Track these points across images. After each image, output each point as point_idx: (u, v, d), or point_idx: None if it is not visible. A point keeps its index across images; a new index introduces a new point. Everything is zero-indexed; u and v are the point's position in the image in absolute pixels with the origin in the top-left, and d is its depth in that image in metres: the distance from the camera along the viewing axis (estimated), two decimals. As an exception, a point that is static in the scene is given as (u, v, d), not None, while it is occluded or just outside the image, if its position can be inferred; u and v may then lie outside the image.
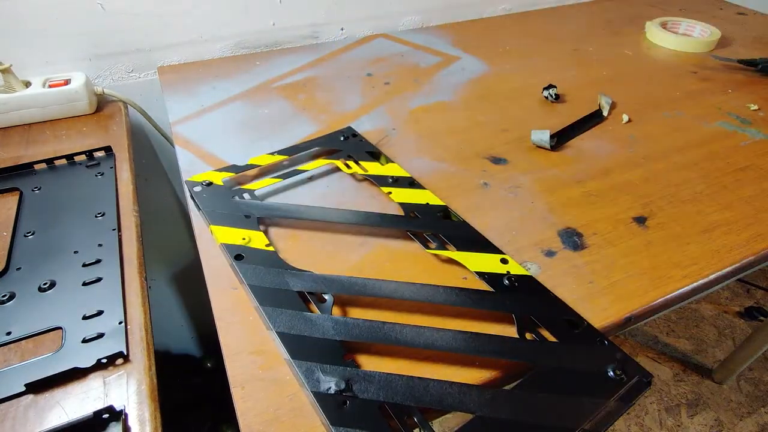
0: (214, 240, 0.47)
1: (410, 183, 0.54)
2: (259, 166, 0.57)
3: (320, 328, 0.38)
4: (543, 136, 0.61)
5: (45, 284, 0.44)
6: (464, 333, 0.37)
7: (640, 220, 0.51)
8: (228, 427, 1.02)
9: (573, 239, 0.48)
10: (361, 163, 0.57)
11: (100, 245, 0.48)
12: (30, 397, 0.36)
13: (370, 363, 0.37)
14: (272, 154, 0.58)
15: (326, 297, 0.41)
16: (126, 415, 0.34)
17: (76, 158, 0.60)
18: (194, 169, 0.58)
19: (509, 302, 0.40)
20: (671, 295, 0.43)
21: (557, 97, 0.73)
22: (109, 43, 0.75)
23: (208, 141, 0.63)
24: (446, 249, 0.46)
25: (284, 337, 0.37)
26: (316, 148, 0.60)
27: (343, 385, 0.34)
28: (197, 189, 0.52)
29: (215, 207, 0.50)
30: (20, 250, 0.47)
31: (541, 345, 0.37)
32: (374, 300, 0.42)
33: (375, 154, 0.59)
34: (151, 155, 0.88)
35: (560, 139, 0.63)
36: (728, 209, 0.52)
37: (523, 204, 0.53)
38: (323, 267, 0.45)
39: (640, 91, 0.76)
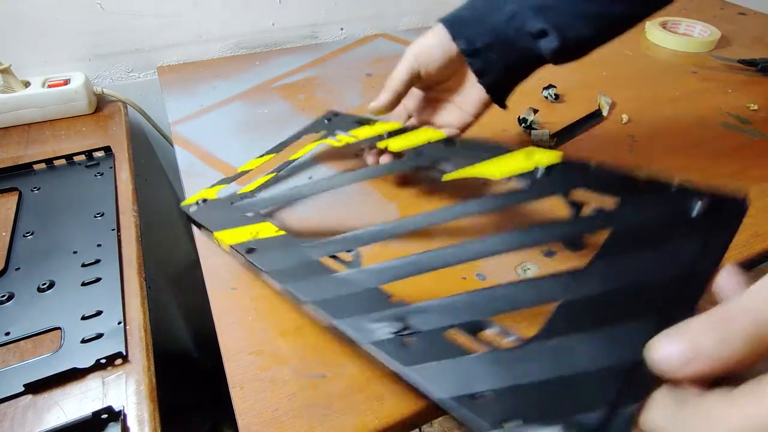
0: (219, 245, 0.46)
1: (404, 130, 0.50)
2: (250, 170, 0.56)
3: (355, 282, 0.35)
4: (543, 137, 0.61)
5: (44, 284, 0.44)
6: (513, 231, 0.33)
7: (640, 220, 0.51)
8: (227, 427, 1.02)
9: (572, 240, 0.48)
10: (350, 132, 0.54)
11: (99, 245, 0.48)
12: (29, 397, 0.36)
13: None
14: (260, 156, 0.57)
15: (351, 254, 0.38)
16: (125, 415, 0.34)
17: (76, 158, 0.60)
18: (193, 169, 0.58)
19: (549, 187, 0.36)
20: (671, 295, 0.43)
21: (557, 97, 0.73)
22: (108, 43, 0.75)
23: (208, 141, 0.63)
24: (462, 168, 0.43)
25: (320, 304, 0.34)
26: (303, 138, 0.58)
27: (399, 326, 0.31)
28: (193, 209, 0.50)
29: (216, 217, 0.48)
30: (19, 250, 0.47)
31: (605, 213, 0.32)
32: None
33: (363, 122, 0.55)
34: (151, 155, 0.88)
35: (560, 139, 0.63)
36: (728, 209, 0.52)
37: (523, 204, 0.53)
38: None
39: (640, 91, 0.76)
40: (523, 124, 0.65)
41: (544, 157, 0.38)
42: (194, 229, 0.49)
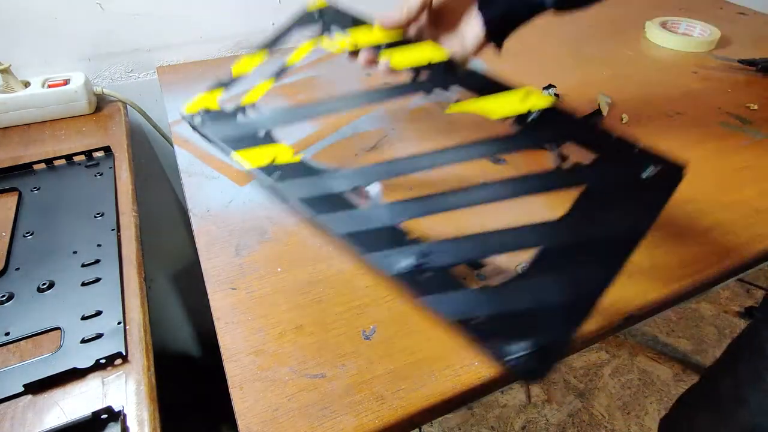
0: (240, 163, 0.45)
1: (405, 42, 0.50)
2: (246, 73, 0.53)
3: (377, 218, 0.39)
4: (543, 136, 0.61)
5: (44, 284, 0.44)
6: (509, 179, 0.39)
7: (640, 220, 0.51)
8: (227, 428, 1.02)
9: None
10: (348, 31, 0.53)
11: (99, 245, 0.48)
12: (28, 397, 0.36)
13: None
14: (252, 55, 0.54)
15: (370, 189, 0.42)
16: (125, 415, 0.34)
17: (76, 158, 0.60)
18: (193, 169, 0.57)
19: (539, 136, 0.42)
20: (670, 295, 0.43)
21: (557, 97, 0.73)
22: (108, 43, 0.75)
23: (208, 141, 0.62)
24: (463, 101, 0.46)
25: (350, 237, 0.38)
26: (296, 36, 0.56)
27: (418, 260, 0.36)
28: (197, 121, 0.49)
29: (225, 133, 0.47)
30: (19, 251, 0.47)
31: (582, 167, 0.39)
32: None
33: (359, 21, 0.53)
34: (151, 155, 0.88)
35: (560, 139, 0.63)
36: (728, 209, 0.52)
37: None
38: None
39: (640, 90, 0.76)
40: None
41: (539, 102, 0.43)
42: (193, 225, 0.49)
